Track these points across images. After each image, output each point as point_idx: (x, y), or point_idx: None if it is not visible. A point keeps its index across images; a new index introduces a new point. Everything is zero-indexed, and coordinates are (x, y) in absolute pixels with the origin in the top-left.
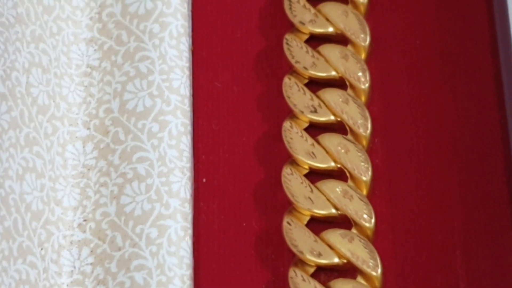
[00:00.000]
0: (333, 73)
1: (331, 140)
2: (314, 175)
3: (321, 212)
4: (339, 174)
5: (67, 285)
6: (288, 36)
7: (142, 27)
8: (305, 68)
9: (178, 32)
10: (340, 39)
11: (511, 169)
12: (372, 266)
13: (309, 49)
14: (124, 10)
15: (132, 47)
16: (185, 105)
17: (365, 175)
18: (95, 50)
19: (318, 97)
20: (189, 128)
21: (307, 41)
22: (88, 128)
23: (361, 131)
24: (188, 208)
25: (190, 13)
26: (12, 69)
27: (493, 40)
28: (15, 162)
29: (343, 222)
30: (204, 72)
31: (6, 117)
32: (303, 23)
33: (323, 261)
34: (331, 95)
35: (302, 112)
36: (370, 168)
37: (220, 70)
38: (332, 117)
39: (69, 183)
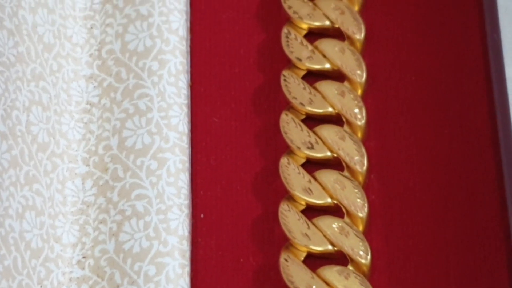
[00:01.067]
0: (330, 109)
1: (327, 176)
2: (311, 211)
3: (317, 248)
4: (336, 210)
5: None
6: (285, 72)
7: (141, 64)
8: (302, 104)
9: (176, 69)
10: (337, 76)
11: (506, 206)
12: None
13: (306, 85)
14: (124, 47)
15: (131, 84)
16: (184, 142)
17: (361, 212)
18: (94, 87)
19: (315, 133)
20: (187, 165)
21: (304, 77)
22: (88, 165)
23: (357, 167)
24: (186, 245)
25: (189, 50)
26: (13, 108)
27: (488, 77)
28: (15, 201)
29: (340, 258)
30: (202, 107)
31: (7, 156)
32: (300, 60)
33: None
34: (328, 132)
35: (299, 148)
36: (366, 205)
37: (218, 106)
38: (328, 154)
39: (68, 220)
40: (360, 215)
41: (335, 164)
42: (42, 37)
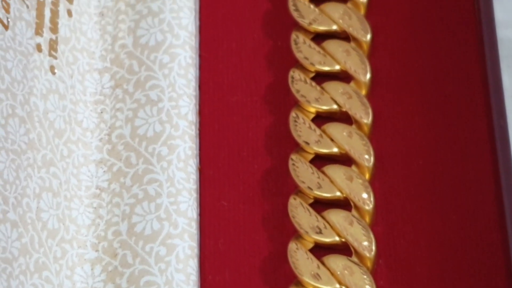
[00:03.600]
0: (338, 193)
1: (336, 261)
2: None
3: None
4: None
5: None
6: (293, 156)
7: (150, 149)
8: (310, 188)
9: (186, 154)
10: (345, 159)
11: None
12: None
13: (314, 169)
14: (133, 132)
15: (141, 169)
16: (192, 228)
17: None
18: (104, 171)
19: (323, 217)
20: (196, 251)
21: (312, 161)
22: (97, 250)
23: (365, 253)
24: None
25: (198, 133)
26: (23, 196)
27: (495, 160)
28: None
29: None
30: (211, 191)
31: (17, 244)
32: (308, 143)
33: None
34: (336, 216)
35: (307, 232)
36: None
37: (227, 189)
38: (336, 238)
39: None
40: None
41: (344, 248)
42: (53, 123)
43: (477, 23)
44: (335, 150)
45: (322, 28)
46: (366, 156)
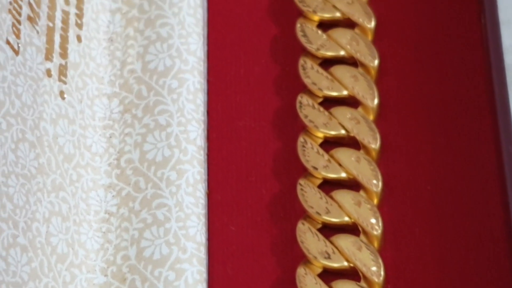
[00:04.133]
0: (346, 218)
1: (344, 287)
2: None
3: None
4: None
5: None
6: (301, 181)
7: (159, 174)
8: (318, 213)
9: (194, 179)
10: (353, 184)
11: None
12: None
13: (323, 194)
14: (142, 157)
15: (150, 194)
16: (201, 253)
17: None
18: (113, 196)
19: (331, 243)
20: (204, 275)
21: (320, 186)
22: (106, 275)
23: (374, 278)
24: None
25: (206, 158)
26: (33, 220)
27: (504, 190)
28: None
29: None
30: (219, 216)
31: (27, 269)
32: (316, 168)
33: None
34: (345, 242)
35: (316, 257)
36: None
37: (235, 214)
38: (345, 263)
39: None
40: None
41: (352, 273)
42: (62, 147)
43: (484, 49)
44: (343, 175)
45: (330, 53)
46: (374, 181)
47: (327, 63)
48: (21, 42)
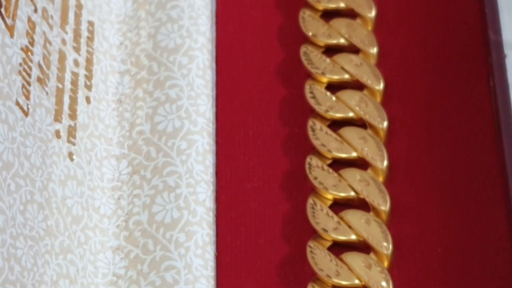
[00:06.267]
0: (356, 281)
1: None
2: None
3: None
4: None
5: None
6: (311, 243)
7: (168, 235)
8: (328, 276)
9: (203, 241)
10: (363, 247)
11: None
12: None
13: (333, 257)
14: (151, 219)
15: (158, 256)
16: None
17: None
18: (121, 258)
19: None
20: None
21: (330, 248)
22: None
23: None
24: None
25: (215, 219)
26: (41, 283)
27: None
28: None
29: None
30: (228, 278)
31: None
32: (326, 230)
33: None
34: None
35: None
36: None
37: (244, 276)
38: None
39: None
40: None
41: None
42: (70, 209)
43: (493, 112)
44: (353, 237)
45: (338, 115)
46: (385, 244)
47: (336, 125)
48: (31, 104)
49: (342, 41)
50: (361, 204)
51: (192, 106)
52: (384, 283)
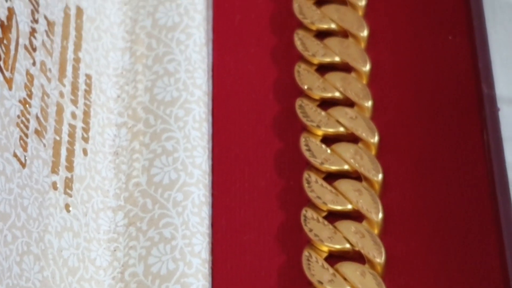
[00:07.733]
0: None
1: None
2: None
3: None
4: None
5: None
6: None
7: (164, 287)
8: None
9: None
10: None
11: None
12: None
13: None
14: (146, 270)
15: None
16: None
17: None
18: None
19: None
20: None
21: None
22: None
23: None
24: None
25: (211, 271)
26: None
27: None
28: None
29: None
30: None
31: None
32: (321, 283)
33: None
34: None
35: None
36: None
37: None
38: None
39: None
40: None
41: None
42: (67, 260)
43: (487, 165)
44: None
45: (334, 167)
46: None
47: (331, 177)
48: (28, 155)
49: (337, 94)
50: (356, 256)
51: (188, 158)
52: None
